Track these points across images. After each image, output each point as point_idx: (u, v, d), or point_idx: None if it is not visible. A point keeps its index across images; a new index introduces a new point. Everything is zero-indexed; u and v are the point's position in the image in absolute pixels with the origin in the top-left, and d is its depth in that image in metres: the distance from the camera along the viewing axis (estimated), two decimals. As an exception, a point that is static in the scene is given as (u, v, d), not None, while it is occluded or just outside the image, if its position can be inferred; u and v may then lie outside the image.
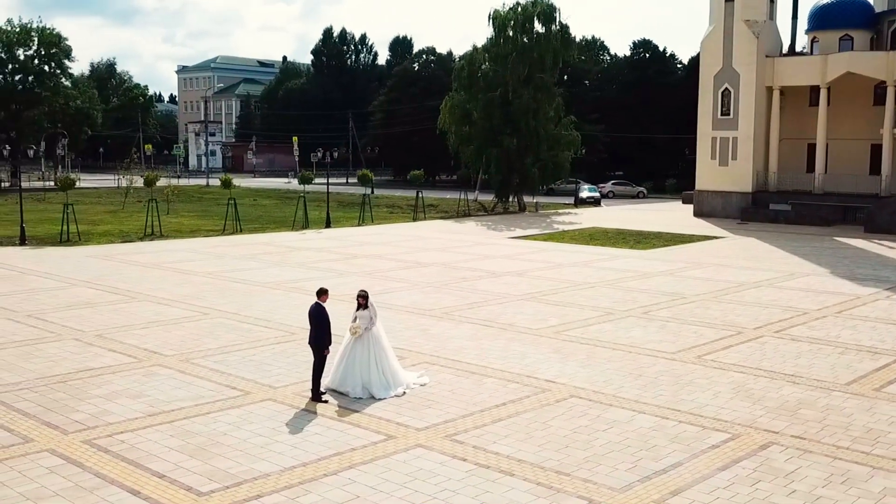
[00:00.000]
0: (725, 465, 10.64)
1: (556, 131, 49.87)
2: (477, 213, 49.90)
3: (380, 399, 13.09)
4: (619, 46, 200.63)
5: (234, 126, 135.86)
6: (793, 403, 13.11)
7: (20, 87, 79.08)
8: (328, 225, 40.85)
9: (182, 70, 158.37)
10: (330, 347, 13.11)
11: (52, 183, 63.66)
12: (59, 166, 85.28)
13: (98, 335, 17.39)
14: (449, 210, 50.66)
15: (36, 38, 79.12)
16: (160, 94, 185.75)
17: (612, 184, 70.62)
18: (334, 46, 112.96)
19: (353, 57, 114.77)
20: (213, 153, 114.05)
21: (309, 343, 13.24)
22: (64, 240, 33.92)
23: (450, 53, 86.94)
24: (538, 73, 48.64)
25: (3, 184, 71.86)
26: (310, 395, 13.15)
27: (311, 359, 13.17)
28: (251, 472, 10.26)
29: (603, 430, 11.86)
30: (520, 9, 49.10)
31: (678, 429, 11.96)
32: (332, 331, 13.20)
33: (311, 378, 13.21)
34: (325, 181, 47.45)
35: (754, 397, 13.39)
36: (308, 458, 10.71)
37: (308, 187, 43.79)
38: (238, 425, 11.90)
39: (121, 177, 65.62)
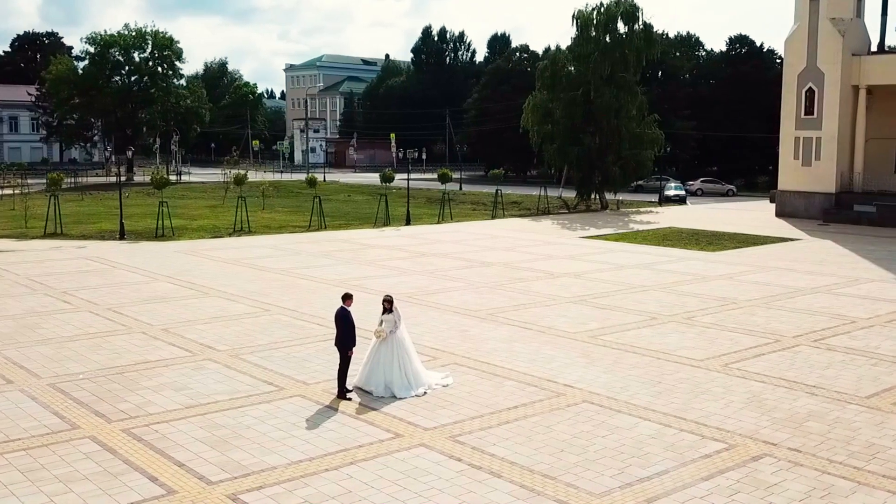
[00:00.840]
0: (710, 475, 10.91)
1: (639, 130, 49.61)
2: (557, 211, 50.06)
3: (400, 398, 13.88)
4: (716, 42, 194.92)
5: (338, 122, 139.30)
6: (802, 415, 13.19)
7: (135, 87, 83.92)
8: (408, 222, 41.92)
9: (289, 68, 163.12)
10: (354, 349, 14.04)
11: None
12: (174, 161, 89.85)
13: (164, 329, 18.80)
14: (531, 207, 50.97)
15: (150, 42, 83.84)
16: (272, 91, 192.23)
17: (701, 181, 69.36)
18: (433, 44, 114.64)
19: (452, 55, 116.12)
20: (314, 150, 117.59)
21: (335, 344, 14.20)
22: (159, 235, 36.09)
23: (546, 50, 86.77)
24: (621, 72, 48.55)
25: (120, 178, 76.03)
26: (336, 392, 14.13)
27: (348, 357, 14.09)
28: (261, 464, 11.20)
29: (602, 436, 12.28)
30: (602, 9, 49.09)
31: (677, 437, 12.27)
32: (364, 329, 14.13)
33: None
34: (406, 178, 48.49)
35: (765, 408, 13.52)
36: (316, 453, 11.56)
37: (401, 183, 44.68)
38: (263, 419, 12.91)
39: (225, 172, 68.71)
